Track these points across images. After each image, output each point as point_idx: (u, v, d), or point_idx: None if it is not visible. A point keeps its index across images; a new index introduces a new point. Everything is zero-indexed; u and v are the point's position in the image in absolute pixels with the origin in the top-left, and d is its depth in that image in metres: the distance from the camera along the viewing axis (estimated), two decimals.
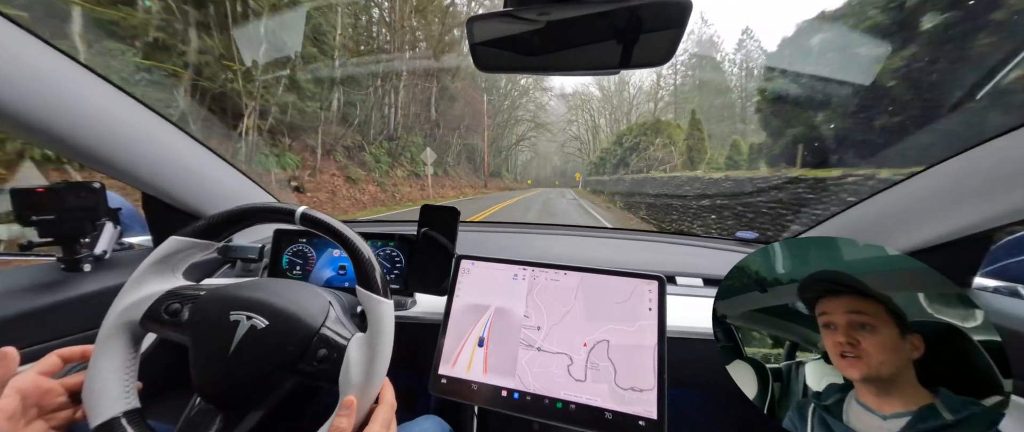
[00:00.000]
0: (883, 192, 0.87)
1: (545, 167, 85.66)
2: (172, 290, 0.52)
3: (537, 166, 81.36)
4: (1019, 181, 0.60)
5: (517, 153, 58.86)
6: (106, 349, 0.47)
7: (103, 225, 0.82)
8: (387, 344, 0.49)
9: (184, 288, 0.53)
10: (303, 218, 0.53)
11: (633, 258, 1.25)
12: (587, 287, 0.73)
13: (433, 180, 17.91)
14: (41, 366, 0.47)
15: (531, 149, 65.00)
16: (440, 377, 0.71)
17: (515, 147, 56.20)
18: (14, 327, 0.66)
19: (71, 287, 0.75)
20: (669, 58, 0.53)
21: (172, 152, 0.86)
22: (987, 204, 0.65)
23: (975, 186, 0.67)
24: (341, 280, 0.94)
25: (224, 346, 0.47)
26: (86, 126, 0.69)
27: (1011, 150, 0.61)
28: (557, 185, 73.17)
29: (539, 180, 78.67)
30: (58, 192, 0.74)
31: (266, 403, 0.48)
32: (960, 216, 0.70)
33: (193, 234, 0.54)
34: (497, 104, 39.22)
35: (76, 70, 0.66)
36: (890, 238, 0.84)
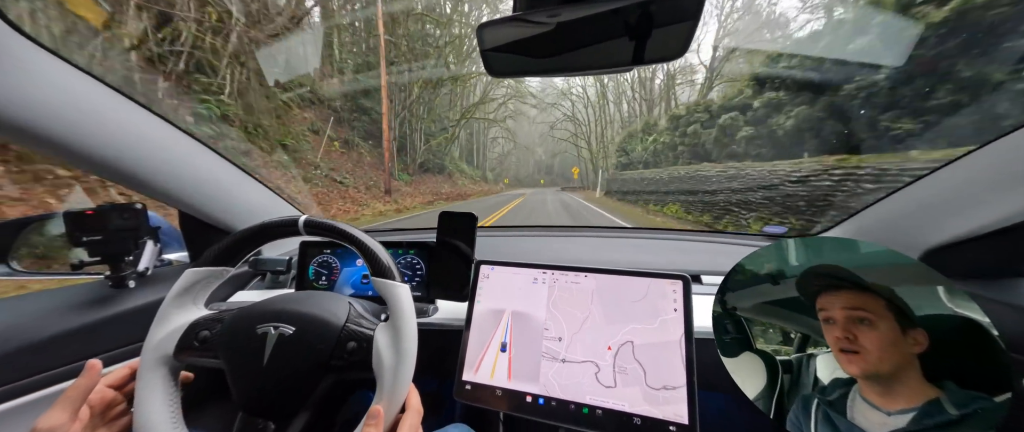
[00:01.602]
0: (916, 183, 0.81)
1: (527, 161, 68.54)
2: (197, 320, 0.54)
3: (517, 160, 63.45)
4: None
5: (487, 141, 45.28)
6: (147, 385, 0.49)
7: (145, 243, 0.87)
8: (410, 324, 0.51)
9: (209, 315, 0.55)
10: (306, 225, 0.56)
11: (657, 258, 1.22)
12: (603, 290, 0.71)
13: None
14: (111, 378, 0.51)
15: (505, 132, 46.14)
16: (464, 383, 0.71)
17: (486, 132, 42.52)
18: (71, 340, 0.71)
19: (119, 303, 0.80)
20: (684, 51, 0.51)
21: (204, 171, 0.91)
22: None
23: (1020, 170, 0.62)
24: (365, 288, 0.96)
25: (258, 358, 0.49)
26: (128, 152, 0.74)
27: None
28: (543, 183, 60.41)
29: (519, 179, 62.54)
30: (104, 213, 0.79)
31: (310, 404, 0.50)
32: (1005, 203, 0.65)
33: (206, 263, 0.56)
34: (419, 51, 20.34)
35: (118, 100, 0.71)
36: (928, 230, 0.79)
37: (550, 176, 66.29)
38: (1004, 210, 0.66)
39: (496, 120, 34.92)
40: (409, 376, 0.49)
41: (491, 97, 31.62)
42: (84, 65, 0.64)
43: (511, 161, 62.98)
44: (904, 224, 0.87)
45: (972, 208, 0.71)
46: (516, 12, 0.49)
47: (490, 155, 49.82)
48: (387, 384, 0.47)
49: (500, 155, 55.81)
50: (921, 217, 0.81)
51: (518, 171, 66.10)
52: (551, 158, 70.21)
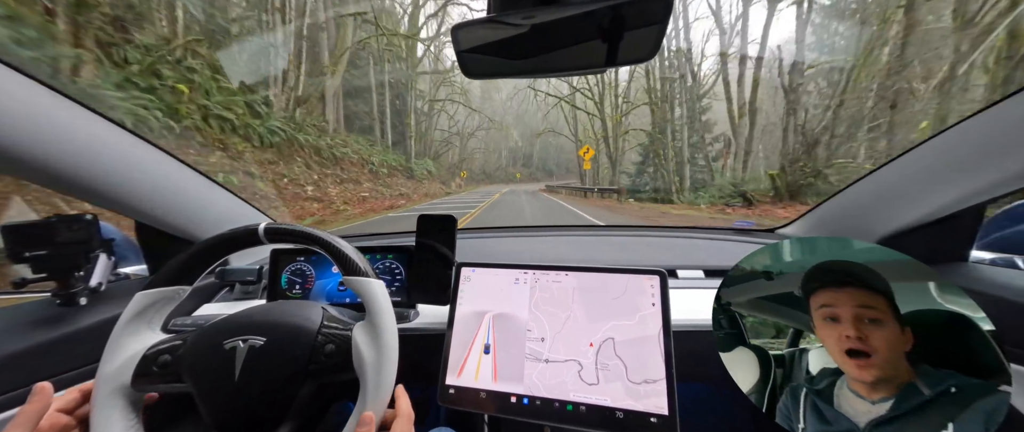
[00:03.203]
0: (869, 176, 0.88)
1: (498, 149, 47.60)
2: (155, 344, 0.50)
3: (485, 145, 44.69)
4: (1003, 154, 0.61)
5: (424, 109, 27.77)
6: (103, 420, 0.45)
7: (97, 257, 0.81)
8: (389, 319, 0.49)
9: (168, 339, 0.52)
10: (268, 232, 0.53)
11: (635, 255, 1.25)
12: (584, 288, 0.72)
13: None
14: (61, 403, 0.47)
15: (459, 98, 31.93)
16: (448, 387, 0.70)
17: (432, 112, 27.30)
18: (16, 363, 0.65)
19: (69, 321, 0.74)
20: (655, 53, 0.53)
21: (161, 177, 0.86)
22: (977, 177, 0.66)
23: (960, 162, 0.68)
24: (342, 296, 0.93)
25: (228, 374, 0.47)
26: (77, 159, 0.69)
27: (993, 125, 0.62)
28: (519, 178, 41.33)
29: (488, 173, 44.71)
30: (51, 226, 0.73)
31: (290, 416, 0.48)
32: (947, 192, 0.71)
33: (159, 284, 0.52)
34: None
35: (62, 102, 0.65)
36: (881, 220, 0.85)
37: (529, 169, 49.35)
38: (944, 199, 0.72)
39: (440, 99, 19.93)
40: (393, 372, 0.48)
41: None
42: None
43: (476, 145, 41.32)
44: (857, 216, 0.93)
45: (917, 199, 0.77)
46: (491, 14, 0.49)
47: (436, 135, 31.55)
48: (371, 382, 0.46)
49: (451, 134, 35.23)
50: (872, 209, 0.88)
51: (486, 162, 45.17)
52: (528, 146, 48.01)
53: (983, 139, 0.64)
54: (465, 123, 38.49)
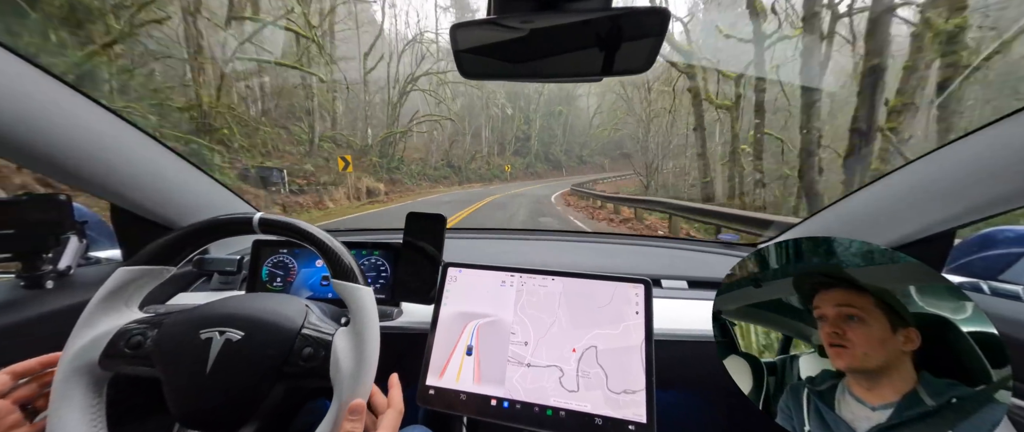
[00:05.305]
0: (850, 196, 0.90)
1: (475, 129, 26.45)
2: (129, 323, 0.49)
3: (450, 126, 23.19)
4: (978, 182, 0.64)
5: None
6: (65, 398, 0.43)
7: (68, 239, 0.78)
8: (374, 330, 0.48)
9: (144, 319, 0.50)
10: (262, 223, 0.52)
11: (620, 262, 1.26)
12: (570, 294, 0.73)
13: None
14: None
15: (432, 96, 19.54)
16: (428, 388, 0.69)
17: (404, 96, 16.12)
18: None
19: (32, 306, 0.70)
20: (649, 66, 0.54)
21: (141, 161, 0.83)
22: (949, 205, 0.69)
23: (940, 187, 0.70)
24: (325, 291, 0.91)
25: (200, 367, 0.45)
26: (51, 136, 0.66)
27: (971, 152, 0.65)
28: (509, 172, 29.64)
29: (458, 166, 22.40)
30: (20, 204, 0.70)
31: (257, 417, 0.46)
32: (923, 216, 0.74)
33: (143, 261, 0.50)
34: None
35: (37, 76, 0.63)
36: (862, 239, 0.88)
37: (525, 158, 32.73)
38: (924, 221, 0.75)
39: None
40: (370, 385, 0.47)
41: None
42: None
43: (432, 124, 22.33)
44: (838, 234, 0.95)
45: (896, 222, 0.80)
46: (491, 16, 0.49)
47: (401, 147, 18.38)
48: (345, 394, 0.45)
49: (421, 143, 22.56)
50: (850, 233, 0.90)
51: (452, 147, 24.84)
52: (527, 119, 31.03)
53: (955, 166, 0.67)
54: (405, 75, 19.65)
